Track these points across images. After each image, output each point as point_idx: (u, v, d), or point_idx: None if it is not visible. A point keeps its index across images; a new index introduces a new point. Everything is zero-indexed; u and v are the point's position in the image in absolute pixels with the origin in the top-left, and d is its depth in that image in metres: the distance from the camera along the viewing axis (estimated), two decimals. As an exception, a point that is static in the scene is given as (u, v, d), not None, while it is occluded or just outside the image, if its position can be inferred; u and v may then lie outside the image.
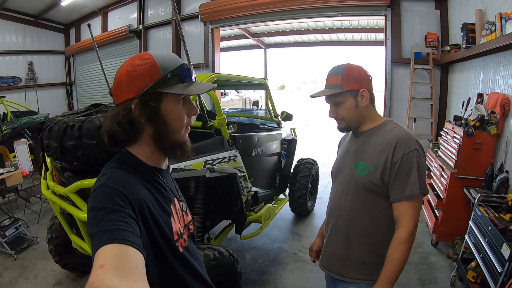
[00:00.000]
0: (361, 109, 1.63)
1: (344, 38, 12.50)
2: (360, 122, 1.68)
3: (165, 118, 1.02)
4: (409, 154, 1.51)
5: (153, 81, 0.98)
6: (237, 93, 15.14)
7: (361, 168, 1.61)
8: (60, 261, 3.36)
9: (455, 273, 3.28)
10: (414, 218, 1.52)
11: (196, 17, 8.14)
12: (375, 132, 1.66)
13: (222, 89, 9.11)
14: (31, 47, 11.42)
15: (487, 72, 4.26)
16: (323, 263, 1.89)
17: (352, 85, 1.59)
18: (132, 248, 0.76)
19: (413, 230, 1.51)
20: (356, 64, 1.65)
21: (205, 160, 2.80)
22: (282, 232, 4.64)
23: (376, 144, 1.60)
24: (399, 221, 1.54)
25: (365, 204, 1.63)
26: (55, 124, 2.38)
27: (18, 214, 4.84)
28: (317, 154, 6.35)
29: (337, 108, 1.66)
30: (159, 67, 0.99)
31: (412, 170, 1.50)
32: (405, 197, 1.51)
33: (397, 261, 1.50)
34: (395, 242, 1.52)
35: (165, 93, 1.00)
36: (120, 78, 1.00)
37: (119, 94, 1.01)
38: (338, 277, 1.75)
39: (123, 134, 1.01)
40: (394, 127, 1.63)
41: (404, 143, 1.53)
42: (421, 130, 5.96)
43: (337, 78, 1.61)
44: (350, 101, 1.62)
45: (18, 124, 7.53)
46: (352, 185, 1.66)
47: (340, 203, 1.73)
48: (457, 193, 3.67)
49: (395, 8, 6.16)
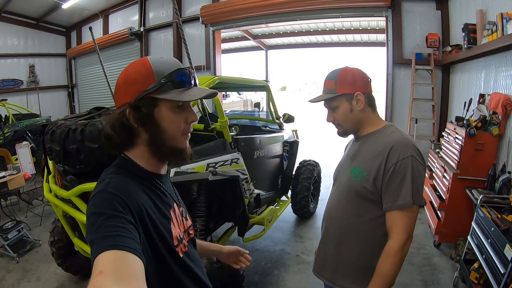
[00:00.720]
0: (357, 113, 1.60)
1: (345, 39, 12.48)
2: (357, 126, 1.65)
3: (159, 124, 1.01)
4: (403, 161, 1.45)
5: (147, 87, 0.97)
6: (239, 95, 15.16)
7: (356, 173, 1.58)
8: (62, 264, 3.37)
9: (457, 274, 3.27)
10: (406, 229, 1.44)
11: (197, 19, 8.14)
12: (373, 136, 1.62)
13: (223, 91, 9.11)
14: (32, 50, 11.45)
15: (488, 72, 4.25)
16: (315, 267, 1.86)
17: (346, 89, 1.57)
18: (132, 254, 0.76)
19: (405, 242, 1.44)
20: (353, 67, 1.62)
21: (208, 163, 2.80)
22: (285, 234, 4.64)
23: (372, 149, 1.56)
24: (391, 232, 1.49)
25: (357, 210, 1.59)
26: (58, 128, 2.39)
27: (21, 217, 4.86)
28: (319, 156, 6.33)
29: (333, 113, 1.64)
30: (154, 73, 0.98)
31: (406, 178, 1.44)
32: (397, 206, 1.45)
33: (385, 274, 1.45)
34: (385, 253, 1.47)
35: (159, 99, 0.99)
36: (119, 83, 1.02)
37: (118, 99, 1.03)
38: (329, 283, 1.71)
39: (117, 137, 1.01)
40: (393, 132, 1.58)
41: (399, 149, 1.47)
42: (423, 131, 5.95)
43: (331, 83, 1.60)
44: (345, 105, 1.59)
45: (20, 127, 7.57)
46: (346, 189, 1.64)
47: (334, 207, 1.71)
48: (460, 194, 3.65)
49: (395, 9, 6.15)
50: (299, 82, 79.39)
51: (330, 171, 2.08)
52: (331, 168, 2.06)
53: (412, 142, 1.52)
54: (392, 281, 1.46)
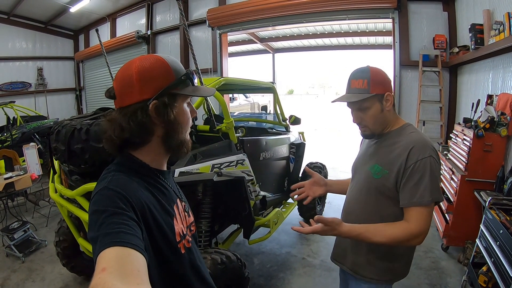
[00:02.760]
0: (386, 114, 1.60)
1: (352, 42, 12.47)
2: (383, 126, 1.64)
3: (177, 118, 1.05)
4: (422, 161, 1.47)
5: (167, 83, 1.01)
6: (246, 98, 15.17)
7: (376, 171, 1.60)
8: (67, 264, 3.38)
9: (466, 278, 3.22)
10: (420, 225, 1.46)
11: (204, 22, 8.17)
12: (393, 135, 1.63)
13: (230, 93, 9.13)
14: (40, 53, 11.58)
15: (496, 73, 4.21)
16: (336, 256, 1.88)
17: (379, 89, 1.54)
18: (134, 250, 0.76)
19: (415, 234, 1.45)
20: (376, 67, 1.61)
21: (213, 164, 2.79)
22: (291, 236, 4.61)
23: (393, 148, 1.58)
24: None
25: (377, 206, 1.61)
26: (63, 127, 2.40)
27: (27, 218, 4.90)
28: (326, 159, 6.30)
29: (362, 114, 1.61)
30: (172, 70, 1.03)
31: (425, 176, 1.46)
32: (413, 204, 1.47)
33: (372, 234, 1.47)
34: (394, 225, 1.49)
35: (178, 94, 1.04)
36: (129, 79, 0.99)
37: (128, 95, 1.00)
38: (351, 273, 1.75)
39: (136, 136, 1.01)
40: (412, 132, 1.59)
41: (419, 149, 1.48)
42: (431, 133, 5.90)
43: (362, 82, 1.55)
44: (376, 105, 1.57)
45: (27, 128, 7.63)
46: (366, 186, 1.65)
47: (354, 202, 1.73)
48: (468, 196, 3.61)
49: (402, 11, 6.11)
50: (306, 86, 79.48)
51: (337, 174, 2.08)
52: (338, 170, 2.05)
53: (431, 143, 1.54)
54: (367, 241, 1.49)
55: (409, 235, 1.45)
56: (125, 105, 1.00)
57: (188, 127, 1.12)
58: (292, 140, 4.64)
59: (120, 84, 1.01)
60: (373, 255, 1.65)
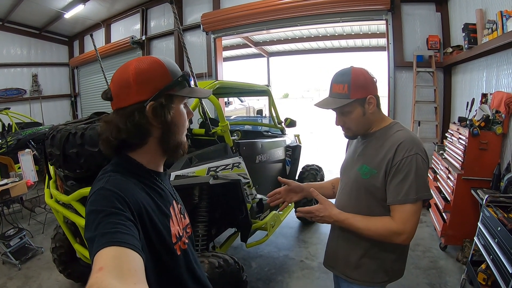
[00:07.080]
0: (369, 116, 1.58)
1: (346, 45, 12.55)
2: (368, 127, 1.63)
3: (174, 119, 1.05)
4: (408, 158, 1.45)
5: (164, 84, 1.01)
6: (241, 102, 15.17)
7: (364, 171, 1.58)
8: (64, 271, 3.35)
9: (465, 276, 3.22)
10: (403, 223, 1.44)
11: (198, 27, 8.19)
12: (379, 134, 1.61)
13: (225, 97, 9.11)
14: (35, 59, 11.56)
15: (490, 71, 4.24)
16: (327, 261, 1.86)
17: (359, 93, 1.52)
18: (131, 250, 0.75)
19: (400, 232, 1.44)
20: (360, 68, 1.58)
21: (209, 167, 2.78)
22: (288, 239, 4.60)
23: (380, 147, 1.56)
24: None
25: (367, 207, 1.59)
26: (58, 132, 2.39)
27: (23, 224, 4.85)
28: (322, 161, 6.30)
29: (344, 117, 1.61)
30: (169, 71, 1.03)
31: (410, 174, 1.44)
32: (398, 201, 1.46)
33: (363, 223, 1.51)
34: (384, 220, 1.50)
35: (175, 95, 1.05)
36: (127, 80, 0.99)
37: (125, 96, 0.99)
38: (343, 277, 1.72)
39: (133, 138, 1.01)
40: (399, 130, 1.57)
41: (405, 146, 1.47)
42: (426, 133, 5.93)
43: (343, 87, 1.53)
44: (358, 110, 1.55)
45: (23, 135, 7.58)
46: (356, 187, 1.64)
47: (343, 204, 1.70)
48: (465, 195, 3.62)
49: (395, 12, 6.15)
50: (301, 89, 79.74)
51: (333, 176, 2.06)
52: (334, 173, 2.05)
53: (418, 141, 1.52)
54: (351, 227, 1.54)
55: (389, 231, 1.46)
56: (122, 106, 1.00)
57: (184, 129, 1.12)
58: (288, 142, 4.64)
59: (117, 86, 1.01)
60: (364, 257, 1.63)
